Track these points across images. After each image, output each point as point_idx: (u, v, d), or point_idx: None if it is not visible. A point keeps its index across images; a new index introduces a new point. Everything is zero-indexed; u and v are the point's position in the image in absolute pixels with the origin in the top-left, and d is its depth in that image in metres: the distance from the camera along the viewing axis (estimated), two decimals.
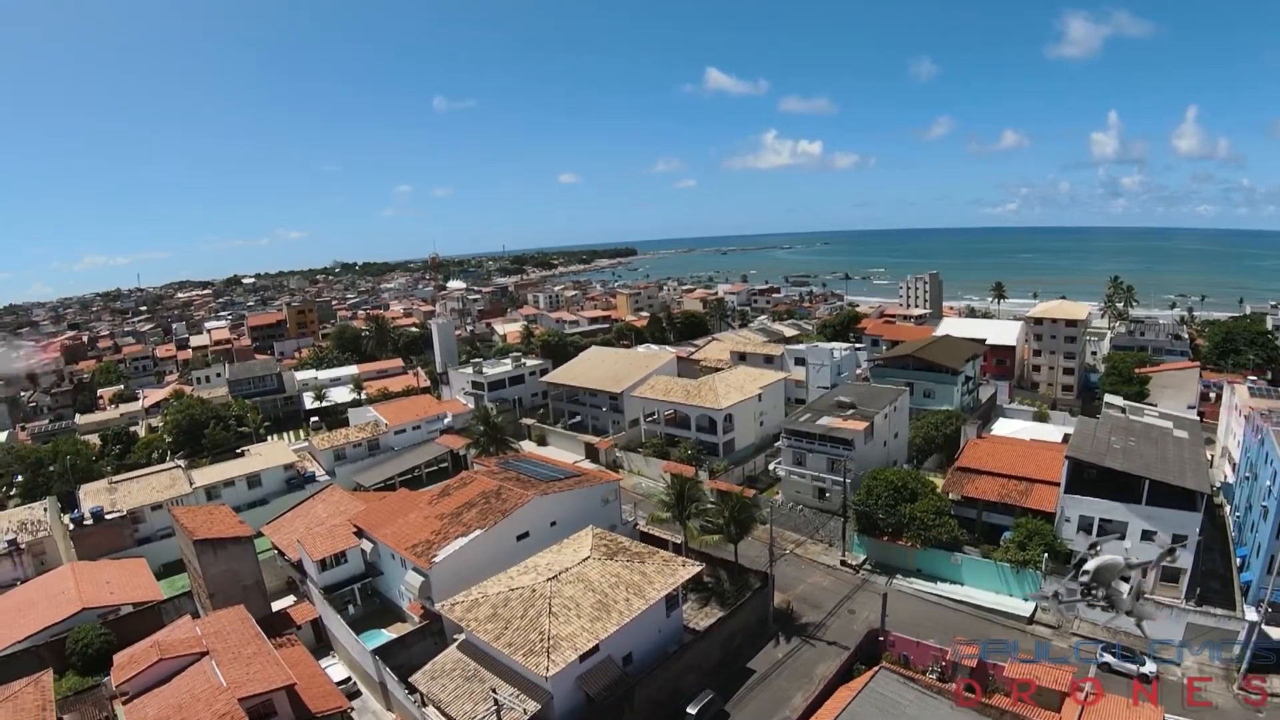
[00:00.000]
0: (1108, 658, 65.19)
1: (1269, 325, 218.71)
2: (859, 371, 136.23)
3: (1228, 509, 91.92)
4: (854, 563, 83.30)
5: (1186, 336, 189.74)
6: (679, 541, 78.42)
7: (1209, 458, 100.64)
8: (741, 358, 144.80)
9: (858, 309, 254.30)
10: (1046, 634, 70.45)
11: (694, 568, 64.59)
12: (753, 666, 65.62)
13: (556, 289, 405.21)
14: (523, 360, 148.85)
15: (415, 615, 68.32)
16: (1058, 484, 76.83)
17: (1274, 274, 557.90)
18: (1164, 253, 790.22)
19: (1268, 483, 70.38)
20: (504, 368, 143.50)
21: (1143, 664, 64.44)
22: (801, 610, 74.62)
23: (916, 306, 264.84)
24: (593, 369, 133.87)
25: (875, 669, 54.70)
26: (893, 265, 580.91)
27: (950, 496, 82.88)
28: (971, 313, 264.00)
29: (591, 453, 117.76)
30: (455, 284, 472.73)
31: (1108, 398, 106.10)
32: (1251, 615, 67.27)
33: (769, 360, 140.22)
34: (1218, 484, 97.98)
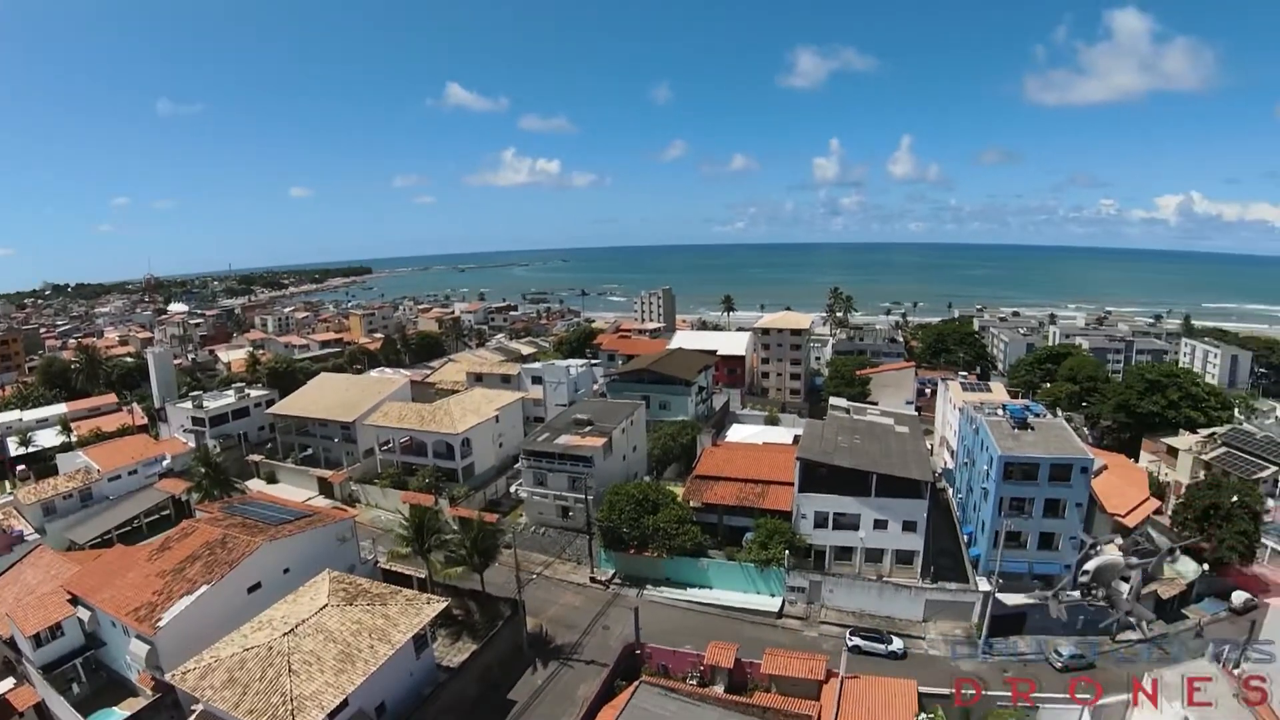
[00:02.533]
0: (857, 640, 73.55)
1: (976, 326, 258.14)
2: (596, 387, 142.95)
3: (950, 492, 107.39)
4: (603, 578, 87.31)
5: (902, 339, 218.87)
6: (424, 576, 77.59)
7: (929, 448, 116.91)
8: (478, 379, 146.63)
9: (594, 325, 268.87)
10: (796, 626, 78.67)
11: (440, 604, 64.20)
12: (513, 697, 66.63)
13: (287, 311, 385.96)
14: (246, 391, 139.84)
15: (147, 688, 62.62)
16: (792, 484, 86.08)
17: (979, 282, 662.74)
18: (880, 265, 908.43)
19: (985, 467, 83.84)
20: (227, 400, 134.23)
21: (890, 643, 73.77)
22: (556, 632, 76.88)
23: (651, 320, 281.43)
24: (322, 397, 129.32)
25: (636, 684, 57.33)
26: (629, 281, 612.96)
27: (691, 504, 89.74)
28: (703, 325, 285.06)
29: (325, 487, 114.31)
30: (177, 307, 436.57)
31: (832, 400, 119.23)
32: (985, 586, 79.48)
33: (506, 380, 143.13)
34: (939, 470, 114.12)
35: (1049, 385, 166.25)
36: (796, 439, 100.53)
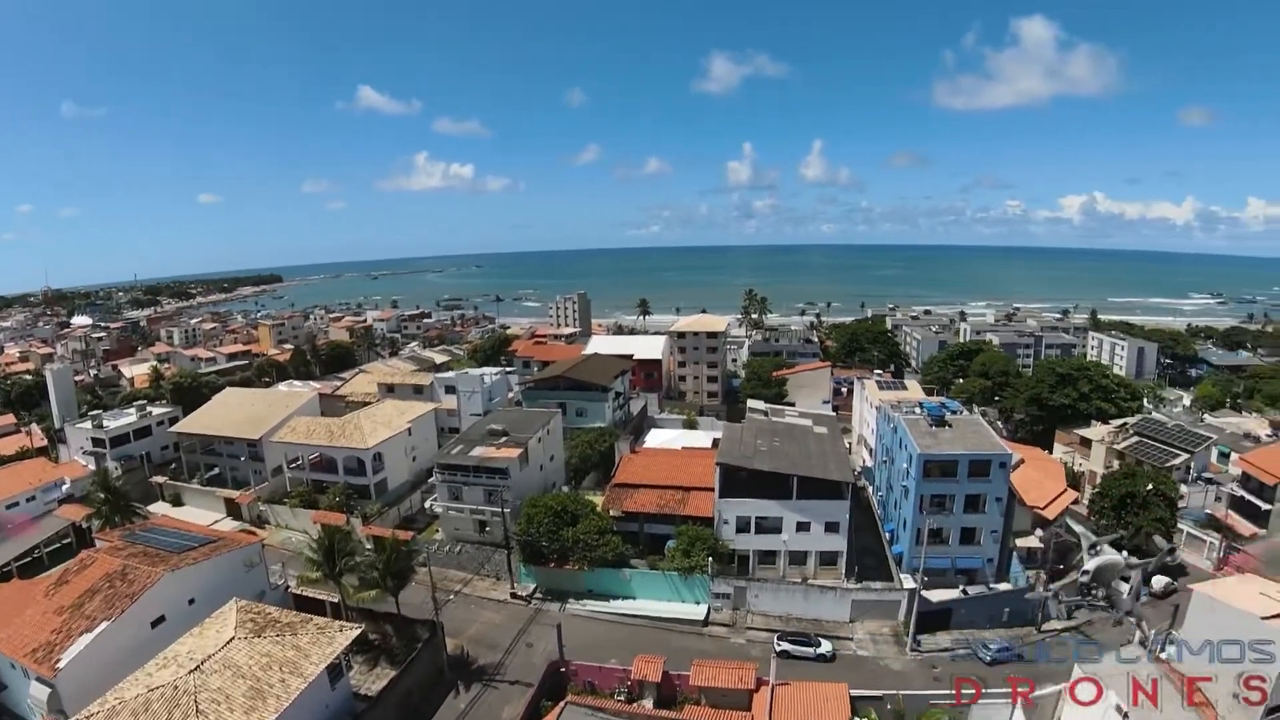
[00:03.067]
0: (785, 645, 73.50)
1: (888, 325, 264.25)
2: (511, 395, 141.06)
3: (870, 490, 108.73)
4: (524, 593, 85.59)
5: (817, 340, 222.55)
6: (338, 600, 74.50)
7: (848, 447, 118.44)
8: (390, 389, 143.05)
9: (509, 331, 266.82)
10: (723, 633, 78.32)
11: (353, 630, 61.60)
12: None
13: (194, 322, 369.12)
14: (148, 409, 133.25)
15: None
16: (712, 489, 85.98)
17: (891, 281, 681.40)
18: (794, 267, 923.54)
19: (905, 465, 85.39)
20: (128, 419, 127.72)
21: (818, 645, 73.97)
22: (478, 653, 74.78)
23: (567, 326, 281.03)
24: (228, 414, 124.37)
25: (562, 704, 55.77)
26: (544, 286, 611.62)
27: (611, 513, 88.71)
28: (619, 329, 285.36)
29: (233, 509, 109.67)
30: (80, 320, 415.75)
31: (750, 402, 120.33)
32: (910, 583, 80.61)
33: (419, 390, 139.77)
34: (858, 469, 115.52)
35: (962, 381, 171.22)
36: (715, 442, 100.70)
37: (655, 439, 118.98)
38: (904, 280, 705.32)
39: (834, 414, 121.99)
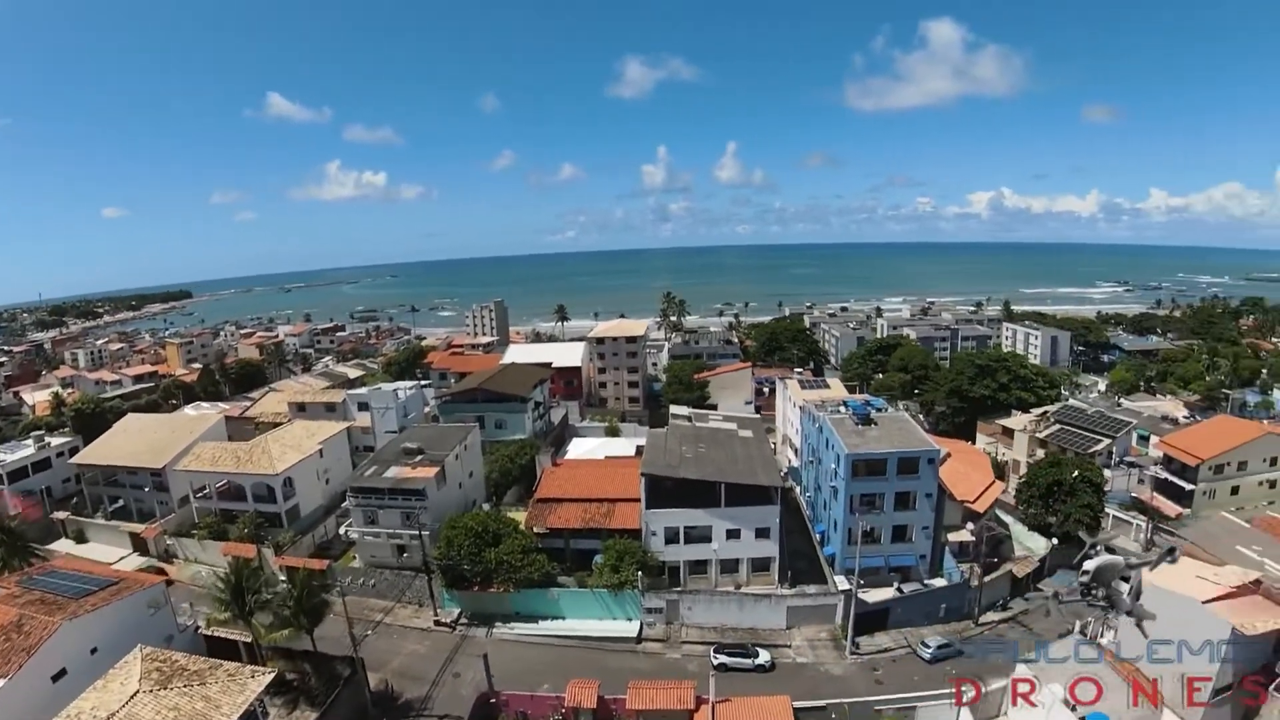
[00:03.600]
0: (723, 658, 71.49)
1: (807, 323, 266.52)
2: (427, 410, 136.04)
3: (798, 490, 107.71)
4: (448, 620, 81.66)
5: (737, 340, 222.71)
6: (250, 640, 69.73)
7: (773, 447, 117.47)
8: (301, 409, 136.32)
9: (425, 342, 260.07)
10: (658, 649, 76.03)
11: (266, 676, 57.10)
12: None
13: (100, 343, 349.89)
14: (46, 440, 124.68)
15: None
16: (639, 500, 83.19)
17: (806, 280, 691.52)
18: (711, 268, 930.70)
19: (833, 465, 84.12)
20: (25, 451, 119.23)
21: (756, 656, 72.15)
22: (403, 687, 70.88)
23: (484, 335, 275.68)
24: (130, 442, 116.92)
25: None
26: (461, 295, 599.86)
27: (535, 530, 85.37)
28: (538, 336, 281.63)
29: (139, 544, 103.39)
30: None
31: (672, 408, 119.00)
32: (844, 585, 79.66)
33: (331, 409, 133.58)
34: (785, 470, 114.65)
35: (882, 376, 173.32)
36: (639, 450, 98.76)
37: (577, 449, 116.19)
38: (819, 279, 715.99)
39: (758, 416, 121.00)
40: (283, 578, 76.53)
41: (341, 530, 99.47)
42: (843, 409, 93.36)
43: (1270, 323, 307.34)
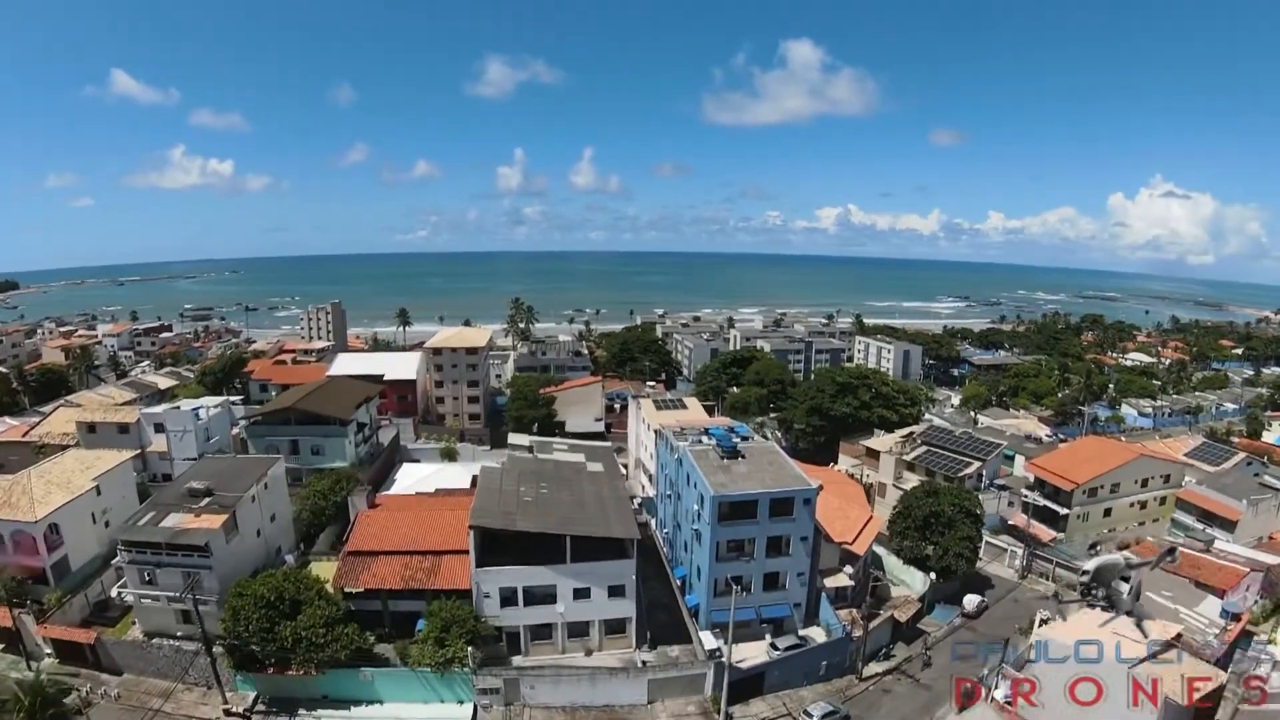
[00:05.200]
0: None
1: (659, 333, 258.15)
2: (235, 431, 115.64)
3: (654, 524, 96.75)
4: (241, 708, 65.51)
5: (587, 351, 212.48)
6: None
7: (624, 471, 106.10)
8: (91, 429, 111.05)
9: (256, 346, 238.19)
10: None
11: None
12: None
13: None
14: None
15: None
16: (469, 551, 68.98)
17: (658, 288, 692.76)
18: (563, 273, 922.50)
19: (695, 507, 72.95)
20: None
21: None
22: None
23: (320, 339, 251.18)
24: None
25: None
26: (304, 294, 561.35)
27: (346, 589, 70.01)
28: (376, 341, 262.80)
29: None
30: None
31: (511, 437, 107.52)
32: (710, 641, 69.37)
33: (124, 430, 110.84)
34: (639, 499, 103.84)
35: (737, 390, 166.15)
36: (475, 481, 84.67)
37: (407, 477, 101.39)
38: (671, 286, 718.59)
39: (608, 444, 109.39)
40: (48, 650, 66.69)
41: (113, 592, 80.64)
42: (705, 439, 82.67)
43: (1110, 338, 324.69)
